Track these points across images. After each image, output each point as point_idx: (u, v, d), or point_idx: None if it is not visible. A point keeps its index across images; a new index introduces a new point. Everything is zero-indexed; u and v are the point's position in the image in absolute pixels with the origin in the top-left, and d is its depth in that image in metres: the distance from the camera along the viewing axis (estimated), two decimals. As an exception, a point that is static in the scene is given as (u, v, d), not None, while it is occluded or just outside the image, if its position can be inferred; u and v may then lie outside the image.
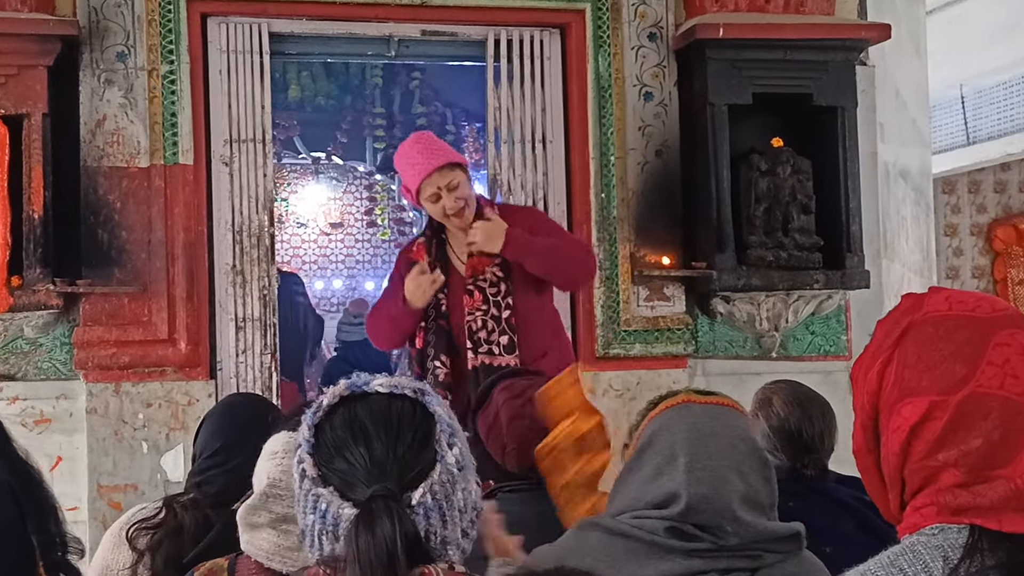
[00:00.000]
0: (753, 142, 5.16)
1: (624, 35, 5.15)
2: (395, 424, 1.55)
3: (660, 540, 1.97)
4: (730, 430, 2.09)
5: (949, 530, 1.38)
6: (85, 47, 4.70)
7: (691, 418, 2.09)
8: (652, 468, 2.06)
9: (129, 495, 4.51)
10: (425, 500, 1.50)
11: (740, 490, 2.01)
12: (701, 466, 2.01)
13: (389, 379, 1.61)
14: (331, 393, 1.60)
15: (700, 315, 5.25)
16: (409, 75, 9.71)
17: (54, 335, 4.71)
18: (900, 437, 1.43)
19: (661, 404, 2.17)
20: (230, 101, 4.94)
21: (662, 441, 2.07)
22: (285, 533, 2.08)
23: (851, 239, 5.13)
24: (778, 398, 3.18)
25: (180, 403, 4.72)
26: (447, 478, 1.52)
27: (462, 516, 1.55)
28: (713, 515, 1.98)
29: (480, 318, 4.03)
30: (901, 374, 1.44)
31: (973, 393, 1.38)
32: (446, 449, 1.54)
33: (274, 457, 2.15)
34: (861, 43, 5.27)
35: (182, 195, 4.77)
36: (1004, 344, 1.39)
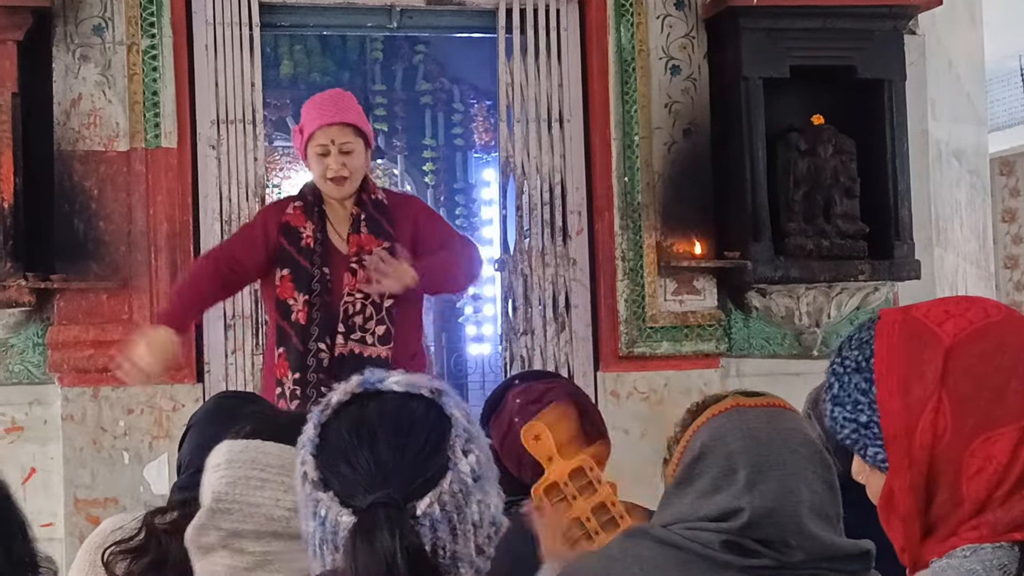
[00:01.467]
0: (791, 120, 5.16)
1: (648, 3, 5.14)
2: (406, 426, 1.54)
3: (715, 554, 1.96)
4: (789, 434, 2.08)
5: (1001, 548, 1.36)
6: (58, 20, 4.71)
7: (745, 424, 2.08)
8: (708, 483, 2.04)
9: (109, 509, 4.52)
10: (432, 511, 1.47)
11: (807, 500, 1.99)
12: (764, 478, 1.99)
13: (406, 377, 1.60)
14: (341, 390, 1.59)
15: (734, 310, 5.24)
16: (412, 49, 9.70)
17: (26, 335, 4.72)
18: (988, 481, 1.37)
19: (706, 412, 2.15)
20: (217, 78, 4.94)
21: (716, 452, 2.05)
22: (238, 552, 2.06)
23: (900, 225, 5.12)
24: None
25: (164, 409, 4.73)
26: (459, 488, 1.50)
27: (477, 531, 1.53)
28: (777, 530, 1.97)
29: (360, 301, 3.95)
30: (961, 411, 1.38)
31: None
32: (460, 456, 1.52)
33: (217, 469, 2.13)
34: (910, 10, 5.26)
35: (165, 181, 4.78)
36: None
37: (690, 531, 2.01)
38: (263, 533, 2.06)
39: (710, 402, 2.17)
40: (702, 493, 2.03)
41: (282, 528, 2.06)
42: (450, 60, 9.77)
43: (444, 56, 9.72)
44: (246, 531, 2.06)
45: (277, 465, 2.12)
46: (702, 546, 1.98)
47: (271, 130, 9.72)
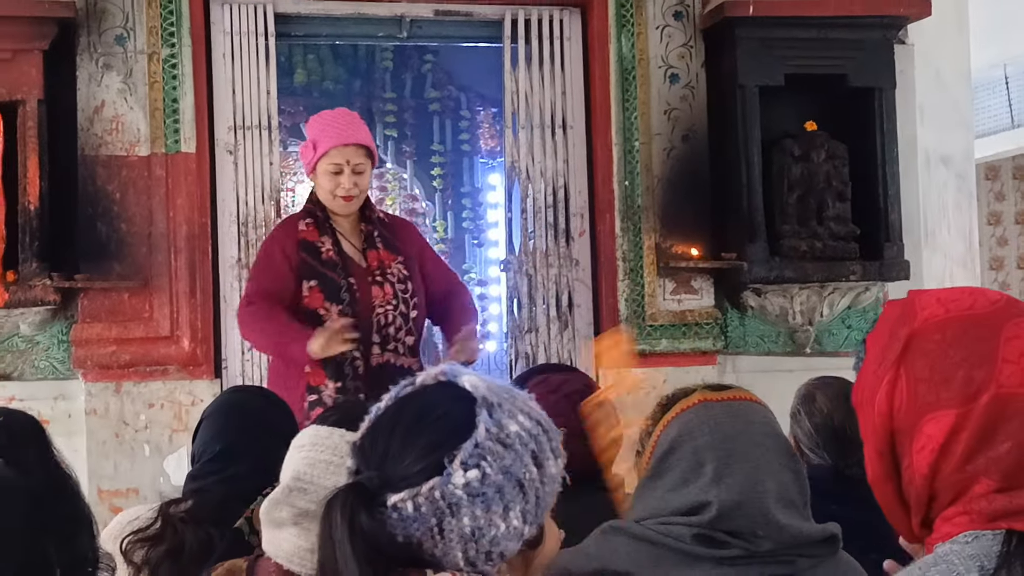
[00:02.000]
0: (786, 126, 5.16)
1: (648, 14, 5.14)
2: (426, 422, 1.54)
3: (688, 547, 1.97)
4: (754, 426, 2.08)
5: (984, 537, 1.37)
6: (82, 30, 4.72)
7: (712, 419, 2.08)
8: (677, 477, 2.04)
9: (131, 499, 4.53)
10: (404, 507, 1.47)
11: (773, 491, 1.99)
12: (730, 471, 1.99)
13: (478, 378, 1.59)
14: (427, 373, 1.62)
15: (730, 309, 5.24)
16: (421, 58, 9.70)
17: (51, 332, 4.73)
18: (928, 458, 1.41)
19: (675, 406, 2.15)
20: (234, 86, 4.95)
21: (684, 448, 2.05)
22: (306, 532, 2.07)
23: (890, 228, 5.12)
24: (822, 394, 3.18)
25: (183, 403, 4.73)
26: (442, 496, 1.47)
27: (468, 544, 1.50)
28: (746, 521, 1.97)
29: (391, 313, 3.99)
30: (914, 390, 1.42)
31: (996, 396, 1.37)
32: (457, 468, 1.49)
33: (301, 449, 2.14)
34: (900, 20, 5.27)
35: (184, 185, 4.78)
36: (1014, 337, 1.39)
37: (663, 526, 2.01)
38: None
39: (679, 396, 2.17)
40: (672, 487, 2.04)
41: None
42: (457, 69, 9.76)
43: (452, 65, 9.72)
44: (317, 512, 2.06)
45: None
46: (674, 540, 1.98)
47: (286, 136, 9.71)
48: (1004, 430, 1.36)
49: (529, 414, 1.60)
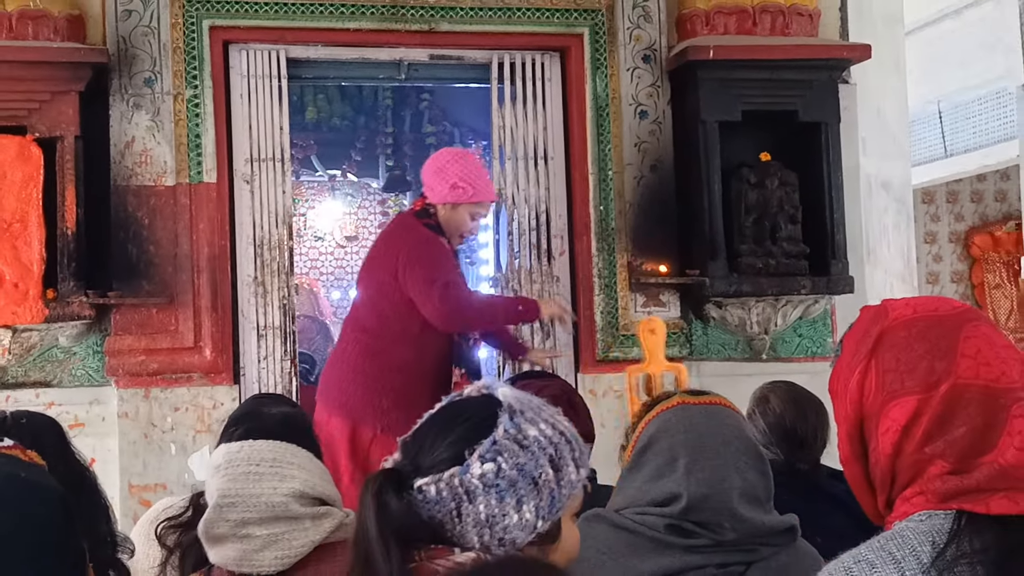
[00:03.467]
0: (742, 157, 5.17)
1: (620, 57, 5.16)
2: (456, 422, 1.60)
3: (660, 536, 1.97)
4: (725, 428, 2.09)
5: (936, 516, 1.38)
6: (114, 73, 4.72)
7: (687, 420, 2.08)
8: (653, 469, 2.05)
9: (159, 494, 4.51)
10: (429, 490, 1.53)
11: (738, 487, 2.00)
12: (700, 467, 2.00)
13: (511, 391, 1.64)
14: (474, 386, 1.68)
15: (694, 320, 5.25)
16: (419, 97, 9.71)
17: (87, 344, 4.72)
18: (892, 439, 1.43)
19: (656, 407, 2.16)
20: (251, 123, 4.95)
21: (661, 443, 2.06)
22: (247, 538, 2.06)
23: (835, 247, 5.13)
24: (775, 396, 3.19)
25: (206, 407, 4.73)
26: (459, 483, 1.52)
27: (482, 529, 1.53)
28: (713, 513, 1.97)
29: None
30: (882, 379, 1.44)
31: (954, 385, 1.39)
32: (475, 461, 1.54)
33: (218, 470, 2.13)
34: (843, 62, 5.28)
35: (206, 211, 4.78)
36: (972, 336, 1.41)
37: (639, 515, 2.02)
38: (266, 519, 2.06)
39: (662, 398, 2.18)
40: (648, 478, 2.05)
41: (282, 512, 2.06)
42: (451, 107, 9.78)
43: (446, 103, 9.73)
44: (251, 519, 2.05)
45: (270, 459, 2.11)
46: (649, 529, 1.99)
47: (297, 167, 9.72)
48: (960, 416, 1.38)
49: (554, 425, 1.64)
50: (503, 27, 5.11)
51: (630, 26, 5.18)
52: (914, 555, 1.36)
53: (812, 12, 5.24)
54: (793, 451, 3.09)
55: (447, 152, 4.32)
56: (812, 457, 3.14)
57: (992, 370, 1.39)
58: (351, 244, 12.19)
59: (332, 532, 2.07)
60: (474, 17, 5.07)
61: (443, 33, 5.07)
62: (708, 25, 5.13)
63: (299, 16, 4.92)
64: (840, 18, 5.53)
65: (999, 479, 1.35)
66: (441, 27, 5.05)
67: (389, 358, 4.08)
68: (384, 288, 4.10)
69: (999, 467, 1.35)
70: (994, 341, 1.42)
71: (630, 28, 5.18)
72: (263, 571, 2.05)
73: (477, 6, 5.06)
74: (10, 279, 4.41)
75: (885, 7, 6.07)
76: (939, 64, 10.18)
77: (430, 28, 5.04)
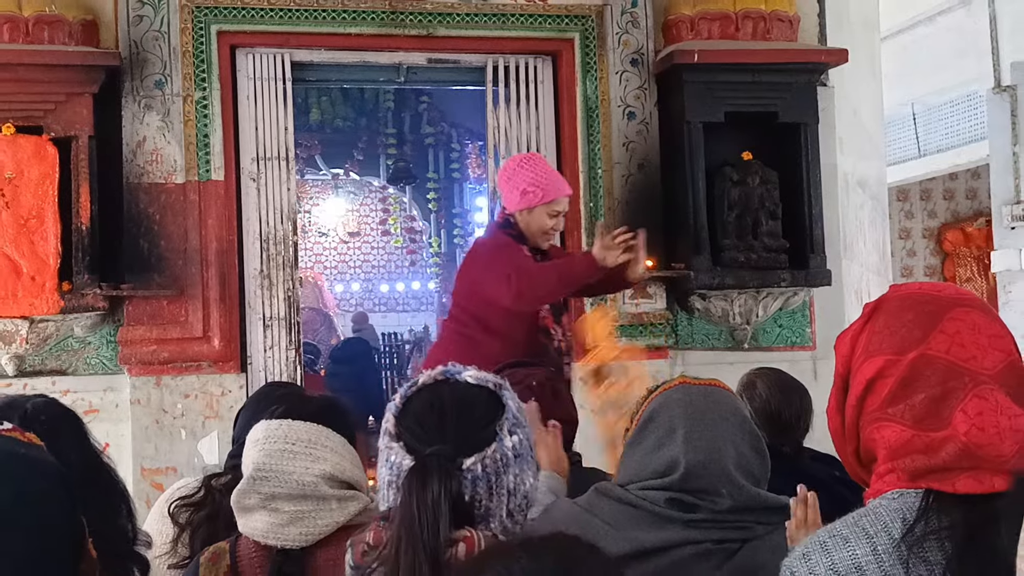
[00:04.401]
0: (726, 156, 5.16)
1: (609, 61, 5.15)
2: (468, 403, 1.62)
3: (661, 511, 1.99)
4: (722, 406, 2.11)
5: (907, 494, 1.39)
6: (126, 76, 4.71)
7: (687, 397, 2.11)
8: (654, 441, 2.07)
9: (169, 477, 4.51)
10: (475, 469, 1.54)
11: (733, 458, 2.02)
12: (697, 436, 2.02)
13: (476, 372, 1.68)
14: (428, 375, 1.68)
15: (679, 311, 5.25)
16: (418, 99, 9.73)
17: (101, 334, 4.71)
18: (857, 391, 1.47)
19: (659, 388, 2.19)
20: (257, 123, 4.94)
21: (661, 417, 2.09)
22: (275, 511, 2.06)
23: (814, 242, 5.13)
24: (761, 382, 3.20)
25: (215, 394, 4.72)
26: (500, 456, 1.56)
27: (510, 497, 1.58)
28: (710, 479, 1.99)
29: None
30: (869, 339, 1.48)
31: (923, 354, 1.40)
32: (506, 434, 1.58)
33: (256, 444, 2.14)
34: (821, 66, 5.28)
35: (214, 208, 4.78)
36: (958, 319, 1.42)
37: (642, 491, 2.03)
38: (295, 495, 2.06)
39: (666, 382, 2.21)
40: (650, 449, 2.06)
41: (311, 491, 2.07)
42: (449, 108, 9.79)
43: (444, 105, 9.75)
44: (281, 494, 2.06)
45: (306, 440, 2.12)
46: (650, 503, 2.00)
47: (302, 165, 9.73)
48: (921, 384, 1.40)
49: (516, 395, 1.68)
50: (498, 32, 5.11)
51: (619, 31, 5.17)
52: (886, 531, 1.37)
53: (792, 18, 5.24)
54: (778, 434, 3.10)
55: (513, 160, 4.25)
56: (796, 440, 3.15)
57: (964, 351, 1.40)
58: (353, 239, 12.20)
59: (356, 515, 2.07)
60: (470, 23, 5.06)
61: (440, 38, 5.06)
62: (693, 30, 5.13)
63: (303, 21, 4.91)
64: (819, 24, 5.53)
65: (963, 458, 1.36)
66: (439, 32, 5.04)
67: (480, 348, 4.08)
68: (471, 288, 4.12)
69: (962, 445, 1.35)
70: (979, 328, 1.42)
71: (619, 33, 5.17)
72: (287, 545, 2.06)
73: (473, 12, 5.05)
74: (27, 272, 4.40)
75: (862, 13, 6.07)
76: (913, 68, 10.19)
77: (428, 33, 5.04)
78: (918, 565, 1.34)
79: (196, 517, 2.58)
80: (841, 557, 1.38)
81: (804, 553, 1.43)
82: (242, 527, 2.12)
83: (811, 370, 5.15)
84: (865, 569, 1.36)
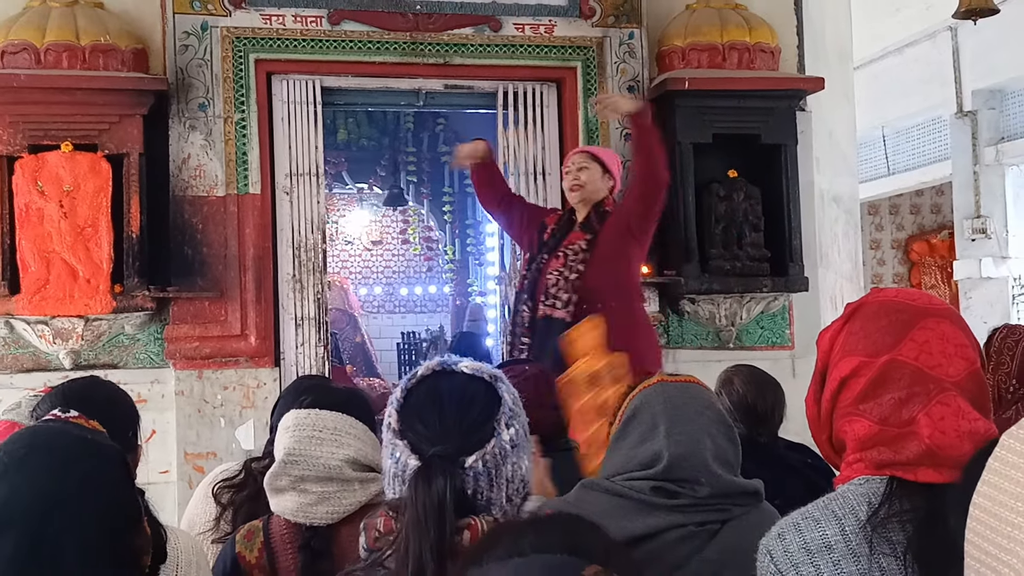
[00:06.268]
0: (713, 174, 5.16)
1: (608, 87, 5.15)
2: (467, 400, 1.56)
3: (647, 498, 1.98)
4: (698, 401, 2.11)
5: (873, 481, 1.40)
6: (173, 99, 4.73)
7: (666, 394, 2.11)
8: (637, 436, 2.07)
9: (210, 461, 4.53)
10: (476, 466, 1.50)
11: (711, 449, 2.02)
12: (678, 431, 2.03)
13: (473, 363, 1.62)
14: (425, 366, 1.62)
15: (671, 313, 5.25)
16: (435, 121, 9.72)
17: (149, 332, 4.73)
18: (832, 386, 1.47)
19: (639, 386, 2.18)
20: (290, 142, 4.95)
21: (643, 414, 2.09)
22: (304, 492, 2.08)
23: (793, 252, 5.13)
24: (738, 378, 3.20)
25: (251, 386, 4.73)
26: (499, 451, 1.52)
27: (508, 484, 1.54)
28: (690, 470, 1.99)
29: (556, 278, 4.12)
30: (846, 339, 1.48)
31: (894, 359, 1.41)
32: (504, 428, 1.54)
33: (288, 431, 2.16)
34: (800, 93, 5.28)
35: (252, 218, 4.79)
36: (928, 328, 1.43)
37: (628, 481, 2.03)
38: (322, 478, 2.08)
39: (643, 380, 2.20)
40: (634, 444, 2.06)
41: (336, 474, 2.08)
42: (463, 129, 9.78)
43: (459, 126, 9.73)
44: (309, 476, 2.08)
45: (332, 428, 2.14)
46: (636, 492, 2.00)
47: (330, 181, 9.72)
48: (890, 386, 1.41)
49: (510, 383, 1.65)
50: (508, 61, 5.12)
51: (617, 60, 5.18)
52: (853, 513, 1.38)
53: (774, 49, 5.24)
54: (754, 425, 3.11)
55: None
56: (770, 430, 3.15)
57: (931, 359, 1.40)
58: (376, 247, 12.20)
59: (377, 495, 2.09)
60: (483, 52, 5.07)
61: (456, 66, 5.07)
62: (684, 60, 5.13)
63: (332, 51, 4.92)
64: (798, 54, 5.53)
65: (925, 457, 1.37)
66: (454, 61, 5.05)
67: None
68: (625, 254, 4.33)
69: (925, 446, 1.36)
70: (947, 338, 1.42)
71: (617, 62, 5.18)
72: (315, 522, 2.07)
73: (486, 43, 5.06)
74: (83, 276, 4.43)
75: (837, 45, 6.07)
76: (883, 95, 10.20)
77: (445, 62, 5.05)
78: (882, 544, 1.35)
79: (238, 497, 2.59)
80: (813, 536, 1.39)
81: (779, 533, 1.44)
82: (274, 506, 2.13)
83: (790, 368, 5.15)
84: (834, 547, 1.36)
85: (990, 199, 9.50)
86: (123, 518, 1.38)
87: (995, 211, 9.51)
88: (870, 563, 1.33)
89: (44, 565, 1.25)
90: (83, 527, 1.30)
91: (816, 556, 1.36)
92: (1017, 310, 9.55)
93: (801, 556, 1.38)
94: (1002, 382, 3.09)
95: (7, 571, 1.23)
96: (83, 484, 1.34)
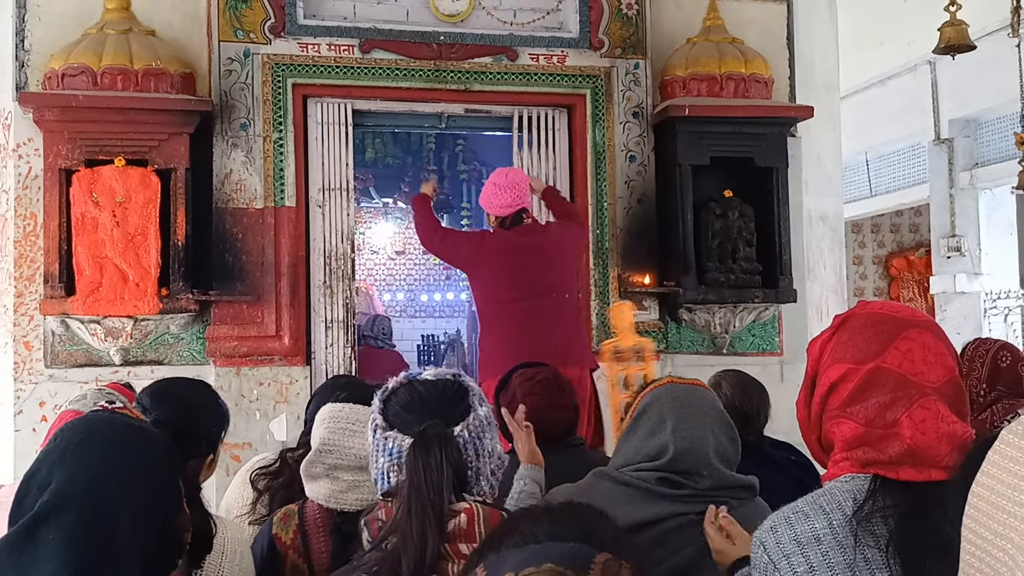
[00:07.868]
0: (710, 193, 5.16)
1: (615, 113, 5.16)
2: (441, 388, 1.61)
3: (653, 488, 1.99)
4: (703, 402, 2.12)
5: (858, 478, 1.40)
6: (217, 119, 4.75)
7: (674, 393, 2.12)
8: (646, 430, 2.08)
9: (246, 451, 4.54)
10: (464, 434, 1.54)
11: (713, 445, 2.03)
12: (684, 427, 2.04)
13: (435, 369, 1.68)
14: (395, 380, 1.66)
15: (670, 321, 5.24)
16: (455, 142, 9.74)
17: (192, 331, 4.74)
18: (822, 391, 1.47)
19: (649, 386, 2.19)
20: (323, 160, 4.97)
21: (652, 410, 2.10)
22: (336, 480, 2.09)
23: (783, 266, 5.12)
24: (726, 382, 3.19)
25: (284, 383, 4.75)
26: (478, 423, 1.57)
27: (491, 457, 1.58)
28: (694, 463, 2.00)
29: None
30: (836, 347, 1.48)
31: (879, 367, 1.41)
32: (477, 406, 1.60)
33: (323, 423, 2.17)
34: (791, 120, 5.28)
35: (287, 229, 4.80)
36: (911, 339, 1.42)
37: (635, 472, 2.03)
38: (353, 467, 2.08)
39: (654, 381, 2.21)
40: (643, 437, 2.07)
41: (366, 464, 2.08)
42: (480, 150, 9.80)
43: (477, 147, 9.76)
44: (342, 465, 2.08)
45: (364, 421, 2.14)
46: (643, 482, 2.00)
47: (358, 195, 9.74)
48: (875, 391, 1.41)
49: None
50: (523, 88, 5.13)
51: (623, 88, 5.18)
52: (839, 508, 1.38)
53: (767, 80, 5.24)
54: (741, 425, 3.09)
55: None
56: (757, 430, 3.14)
57: (913, 367, 1.40)
58: (400, 257, 12.23)
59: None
60: (500, 80, 5.08)
61: (475, 92, 5.09)
62: (685, 88, 5.13)
63: (363, 77, 4.94)
64: (789, 85, 5.53)
65: (907, 456, 1.36)
66: (474, 87, 5.07)
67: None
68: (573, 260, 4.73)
69: (907, 447, 1.36)
70: (928, 347, 1.42)
71: (623, 90, 5.18)
72: (346, 508, 2.08)
73: (503, 71, 5.07)
74: (133, 280, 4.45)
75: (825, 77, 6.06)
76: (867, 122, 10.18)
77: (465, 88, 5.06)
78: (866, 537, 1.35)
79: (274, 484, 2.60)
80: (802, 529, 1.38)
81: (772, 526, 1.43)
82: (308, 492, 2.14)
83: (779, 373, 5.14)
84: (822, 540, 1.36)
85: (964, 220, 9.47)
86: (168, 499, 1.39)
87: (969, 231, 9.48)
88: (855, 554, 1.33)
89: (99, 542, 1.26)
90: (134, 507, 1.31)
91: (806, 548, 1.36)
92: (988, 322, 9.50)
93: (792, 547, 1.37)
94: (973, 387, 3.08)
95: (66, 549, 1.24)
96: (134, 468, 1.35)
